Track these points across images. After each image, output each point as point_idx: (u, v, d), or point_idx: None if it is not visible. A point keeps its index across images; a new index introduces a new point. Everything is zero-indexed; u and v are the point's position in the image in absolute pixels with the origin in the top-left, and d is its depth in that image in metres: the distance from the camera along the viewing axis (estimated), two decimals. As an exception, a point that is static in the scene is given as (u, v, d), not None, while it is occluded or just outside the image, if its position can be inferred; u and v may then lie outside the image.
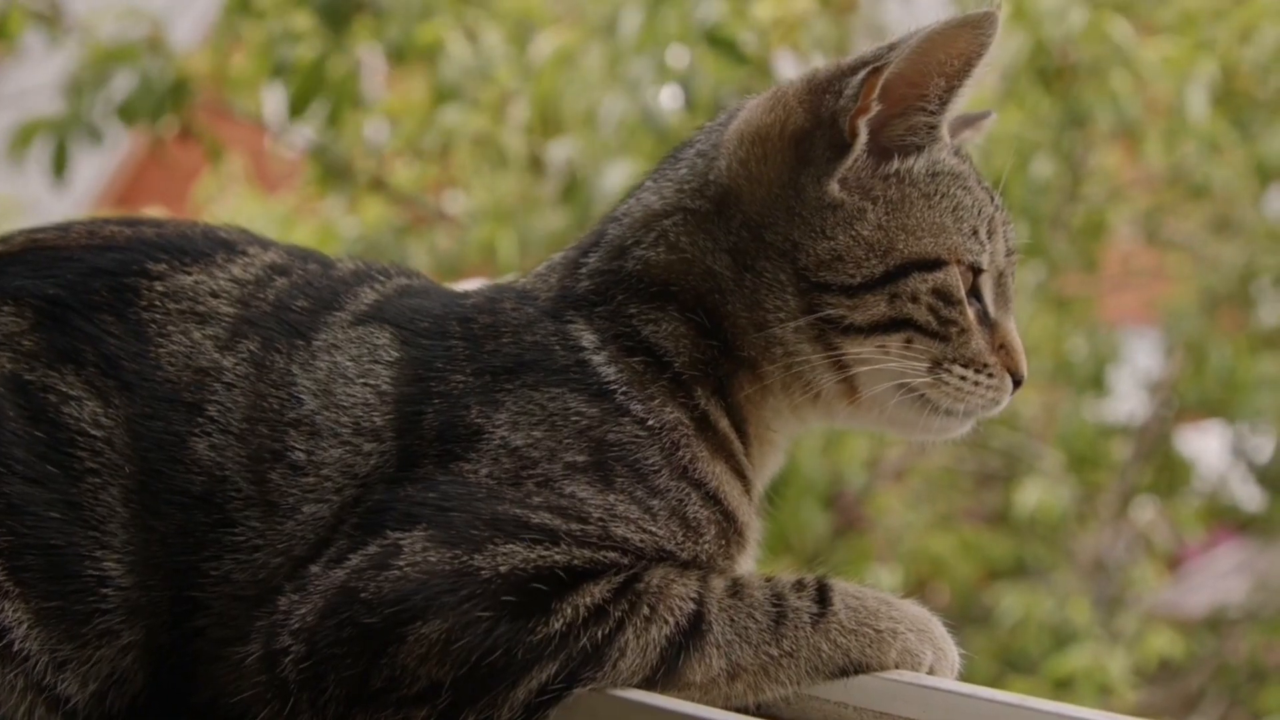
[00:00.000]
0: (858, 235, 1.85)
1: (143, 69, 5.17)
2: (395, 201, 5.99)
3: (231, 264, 1.90)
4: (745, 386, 1.89)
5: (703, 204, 1.91)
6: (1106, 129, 5.61)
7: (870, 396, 1.89)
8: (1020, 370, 1.92)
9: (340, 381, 1.81)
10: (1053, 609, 6.37)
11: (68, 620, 1.75)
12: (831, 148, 1.87)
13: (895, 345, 1.86)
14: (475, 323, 1.87)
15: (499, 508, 1.72)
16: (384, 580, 1.69)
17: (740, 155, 1.90)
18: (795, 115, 1.90)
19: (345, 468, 1.78)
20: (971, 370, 1.88)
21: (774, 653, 1.70)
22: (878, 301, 1.84)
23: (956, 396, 1.89)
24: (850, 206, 1.85)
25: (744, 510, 1.86)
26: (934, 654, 1.75)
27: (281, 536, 1.76)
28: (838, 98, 1.87)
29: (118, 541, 1.76)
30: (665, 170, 1.98)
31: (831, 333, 1.85)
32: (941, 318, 1.86)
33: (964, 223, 1.89)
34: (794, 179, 1.87)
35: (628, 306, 1.88)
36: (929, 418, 1.90)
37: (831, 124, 1.87)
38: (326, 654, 1.68)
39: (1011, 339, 1.92)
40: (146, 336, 1.82)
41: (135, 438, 1.78)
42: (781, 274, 1.86)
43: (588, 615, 1.68)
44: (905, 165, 1.88)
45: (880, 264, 1.84)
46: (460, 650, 1.66)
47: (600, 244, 1.95)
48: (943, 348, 1.87)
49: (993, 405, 1.91)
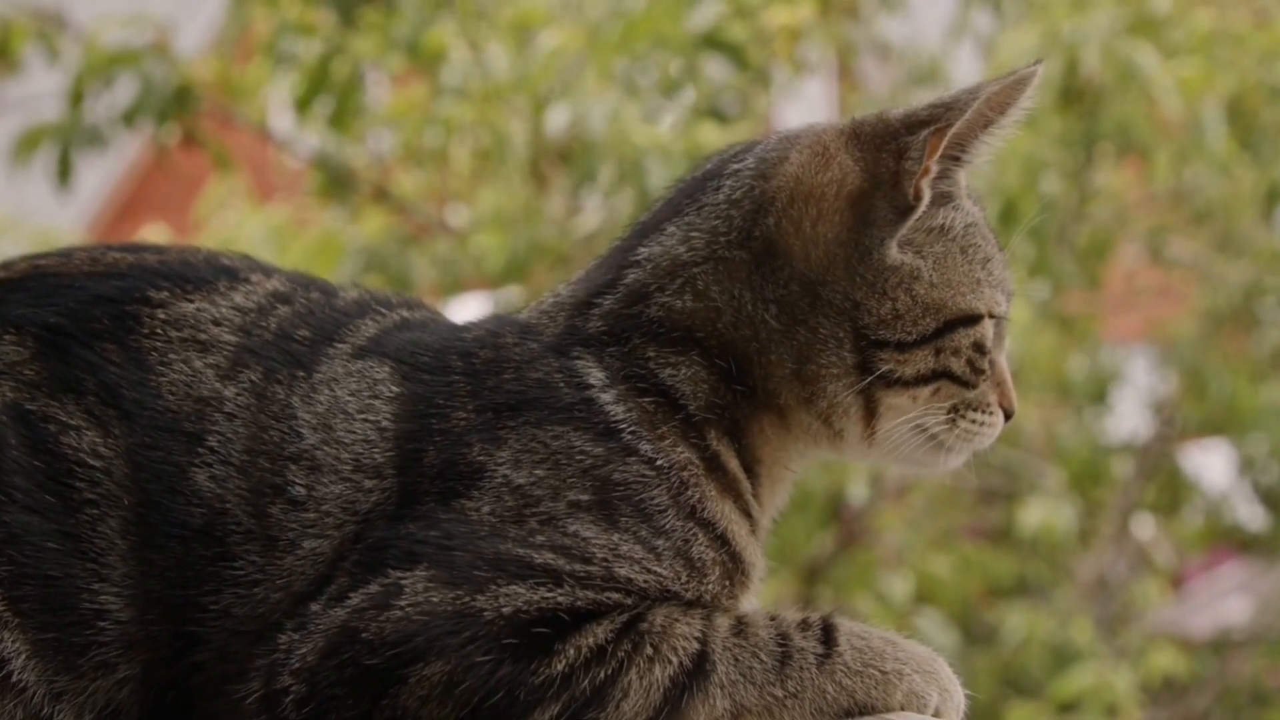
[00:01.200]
0: (915, 295, 1.85)
1: (146, 74, 5.15)
2: (398, 211, 5.97)
3: (234, 291, 1.88)
4: (767, 429, 1.88)
5: (741, 254, 1.87)
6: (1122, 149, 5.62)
7: (885, 438, 1.89)
8: (1013, 405, 1.94)
9: (340, 417, 1.79)
10: (1055, 629, 6.35)
11: (64, 652, 1.73)
12: (894, 209, 1.85)
13: (924, 395, 1.87)
14: (476, 357, 1.84)
15: (502, 547, 1.70)
16: (385, 621, 1.67)
17: (792, 214, 1.87)
18: (852, 175, 1.87)
19: (346, 504, 1.76)
20: (980, 413, 1.90)
21: (778, 693, 1.68)
22: (926, 357, 1.85)
23: (966, 438, 1.90)
24: (909, 267, 1.85)
25: (750, 550, 1.84)
26: (939, 695, 1.74)
27: (281, 572, 1.74)
28: (898, 159, 1.85)
29: (116, 574, 1.74)
30: (689, 216, 1.91)
31: (878, 387, 1.85)
32: (975, 368, 1.87)
33: (992, 275, 1.90)
34: (855, 240, 1.85)
35: (645, 349, 1.85)
36: (936, 457, 1.92)
37: (893, 186, 1.85)
38: (328, 694, 1.67)
39: (1005, 376, 1.93)
40: (147, 365, 1.80)
41: (135, 468, 1.76)
42: (840, 330, 1.84)
43: (590, 656, 1.66)
44: (946, 219, 1.88)
45: (933, 322, 1.85)
46: (462, 692, 1.64)
47: (617, 286, 1.90)
48: (965, 395, 1.88)
49: (989, 440, 1.94)
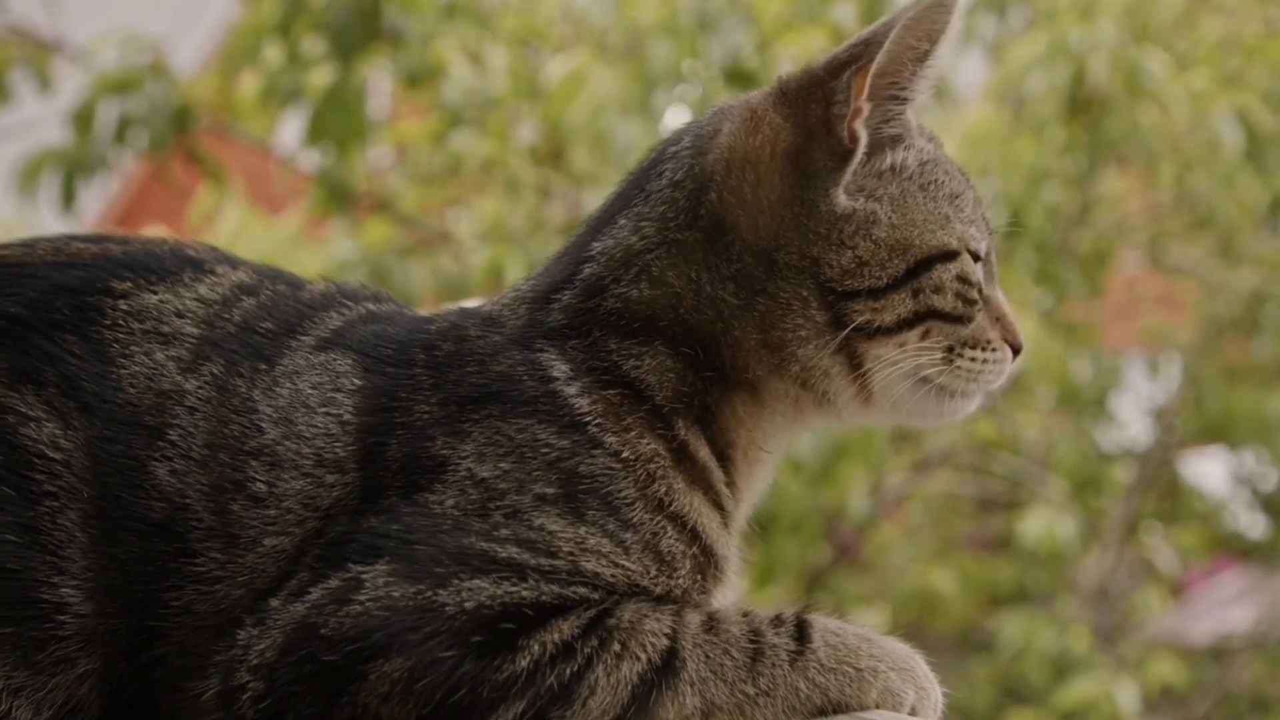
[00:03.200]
0: (876, 238, 1.82)
1: (147, 96, 5.13)
2: (398, 223, 5.96)
3: (199, 283, 1.85)
4: (739, 410, 1.85)
5: (691, 235, 1.85)
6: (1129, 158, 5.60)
7: (883, 393, 1.87)
8: (1019, 340, 1.92)
9: (302, 410, 1.76)
10: (1053, 638, 6.32)
11: (23, 646, 1.69)
12: (832, 156, 1.83)
13: (913, 340, 1.84)
14: (439, 350, 1.81)
15: (465, 541, 1.67)
16: (345, 616, 1.64)
17: (732, 184, 1.85)
18: (783, 132, 1.84)
19: (307, 500, 1.72)
20: (979, 349, 1.88)
21: (750, 691, 1.65)
22: (904, 299, 1.83)
23: (970, 377, 1.88)
24: (862, 212, 1.83)
25: (722, 543, 1.80)
26: (916, 693, 1.70)
27: (243, 569, 1.71)
28: (826, 105, 1.83)
29: (76, 567, 1.70)
30: (638, 207, 1.90)
31: (858, 340, 1.82)
32: (966, 300, 1.86)
33: (962, 210, 1.88)
34: (799, 196, 1.83)
35: (607, 342, 1.82)
36: (943, 403, 1.89)
37: (826, 133, 1.83)
38: (285, 692, 1.63)
39: (1005, 310, 1.92)
40: (108, 357, 1.77)
41: (95, 461, 1.72)
42: (803, 290, 1.82)
43: (555, 653, 1.63)
44: (898, 159, 1.86)
45: (902, 261, 1.83)
46: (424, 689, 1.61)
47: (574, 281, 1.88)
48: (959, 332, 1.86)
49: (998, 378, 1.91)
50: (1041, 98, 5.42)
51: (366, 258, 5.62)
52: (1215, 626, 8.07)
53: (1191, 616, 8.51)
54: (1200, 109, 5.34)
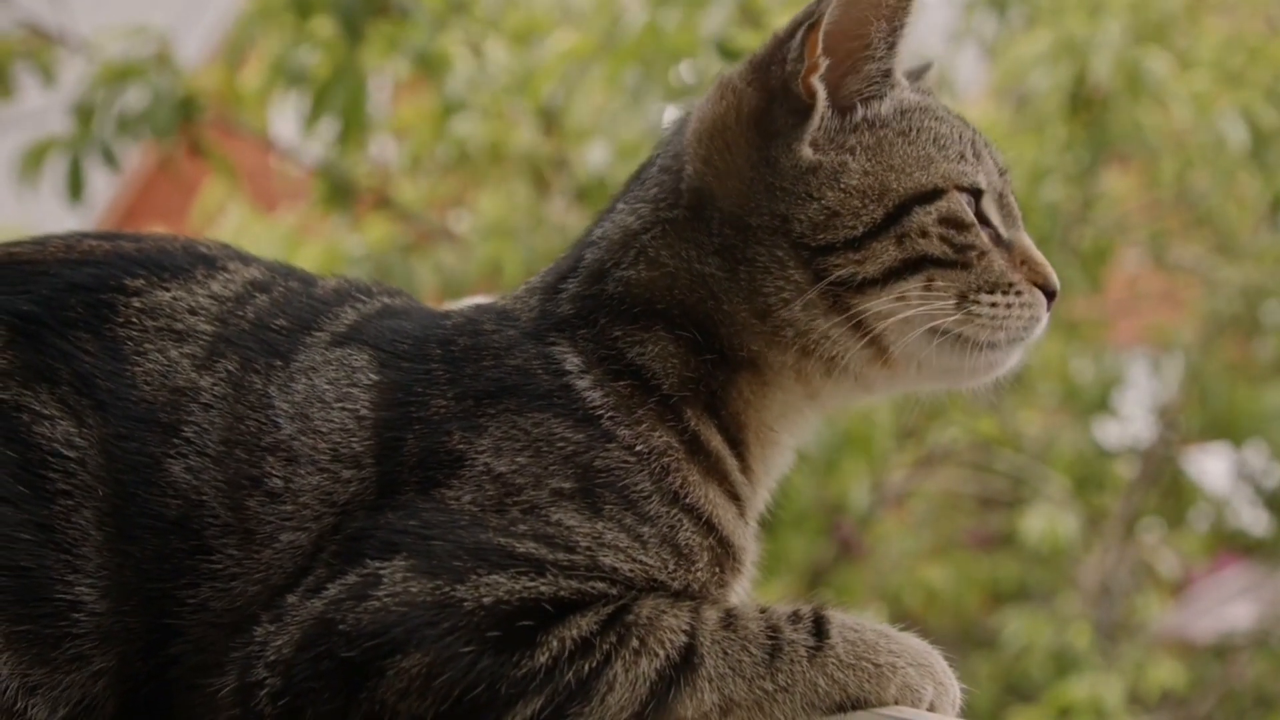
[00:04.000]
0: (847, 187, 1.80)
1: (152, 86, 5.11)
2: (400, 219, 5.95)
3: (211, 280, 1.84)
4: (745, 391, 1.84)
5: (679, 213, 1.86)
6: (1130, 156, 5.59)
7: (902, 353, 1.82)
8: (1050, 281, 1.85)
9: (318, 405, 1.75)
10: (1054, 635, 6.32)
11: (38, 645, 1.69)
12: (793, 114, 1.83)
13: (916, 290, 1.80)
14: (455, 344, 1.81)
15: (482, 536, 1.67)
16: (363, 612, 1.63)
17: (703, 154, 1.86)
18: (747, 97, 1.85)
19: (324, 495, 1.72)
20: (999, 294, 1.82)
21: (768, 687, 1.64)
22: (886, 246, 1.79)
23: (994, 325, 1.82)
24: (830, 164, 1.81)
25: (739, 534, 1.80)
26: (935, 689, 1.69)
27: (259, 565, 1.70)
28: (784, 65, 1.83)
29: (91, 565, 1.70)
30: (635, 192, 1.92)
31: (846, 295, 1.79)
32: (957, 245, 1.81)
33: (949, 149, 1.85)
34: (764, 156, 1.82)
35: (612, 329, 1.82)
36: (972, 357, 1.83)
37: (785, 92, 1.83)
38: (303, 688, 1.63)
39: (1031, 252, 1.86)
40: (122, 355, 1.76)
41: (109, 459, 1.72)
42: (778, 250, 1.80)
43: (574, 648, 1.62)
44: (871, 111, 1.84)
45: (879, 207, 1.79)
46: (442, 685, 1.60)
47: (578, 269, 1.89)
48: (966, 277, 1.81)
49: (1033, 324, 1.85)
50: (1044, 95, 5.40)
51: (371, 254, 5.61)
52: (1218, 623, 8.06)
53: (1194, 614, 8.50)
54: (1203, 108, 5.33)
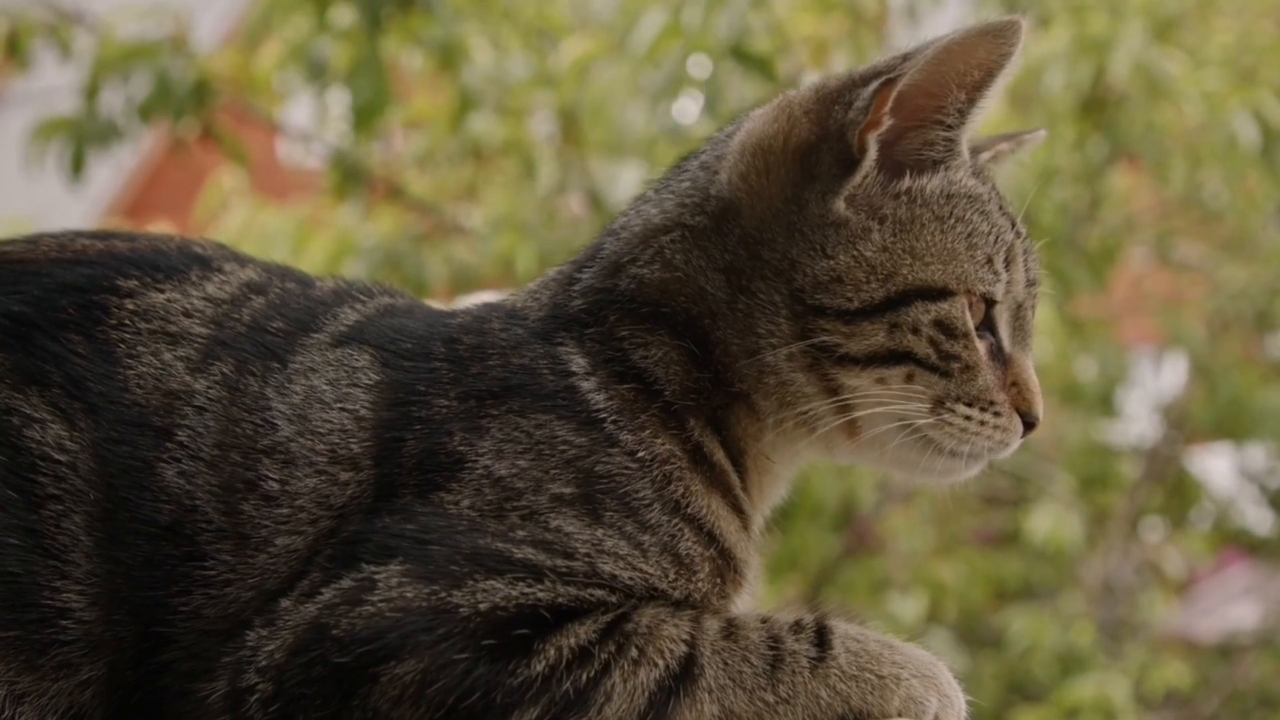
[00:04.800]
0: (860, 256, 1.73)
1: (163, 68, 5.07)
2: (411, 210, 5.92)
3: (206, 281, 1.81)
4: (742, 419, 1.80)
5: (702, 220, 1.81)
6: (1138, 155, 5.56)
7: (871, 435, 1.78)
8: (1033, 411, 1.79)
9: (317, 406, 1.72)
10: (1059, 635, 6.31)
11: (26, 651, 1.65)
12: (839, 163, 1.76)
13: (897, 380, 1.74)
14: (460, 344, 1.77)
15: (480, 541, 1.64)
16: (357, 617, 1.60)
17: (741, 168, 1.80)
18: (801, 127, 1.79)
19: (321, 498, 1.69)
20: (977, 409, 1.76)
21: (770, 699, 1.61)
22: (876, 331, 1.73)
23: (961, 437, 1.77)
24: (855, 225, 1.74)
25: (741, 547, 1.77)
26: (939, 701, 1.66)
27: (254, 570, 1.67)
28: (847, 110, 1.76)
29: (80, 572, 1.67)
30: (669, 182, 1.88)
31: (826, 362, 1.74)
32: (943, 352, 1.74)
33: (978, 250, 1.77)
34: (797, 194, 1.77)
35: (619, 328, 1.78)
36: (932, 459, 1.79)
37: (840, 137, 1.76)
38: (295, 694, 1.60)
39: (1025, 376, 1.79)
40: (115, 358, 1.73)
41: (101, 463, 1.69)
42: (776, 295, 1.75)
43: (572, 657, 1.59)
44: (919, 184, 1.77)
45: (881, 289, 1.73)
46: (436, 693, 1.57)
47: (597, 259, 1.85)
48: (946, 384, 1.75)
49: (1000, 447, 1.79)
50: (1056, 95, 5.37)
51: (382, 244, 5.58)
52: (1223, 622, 8.05)
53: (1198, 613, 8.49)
54: (1214, 107, 5.30)
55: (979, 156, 1.89)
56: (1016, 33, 1.74)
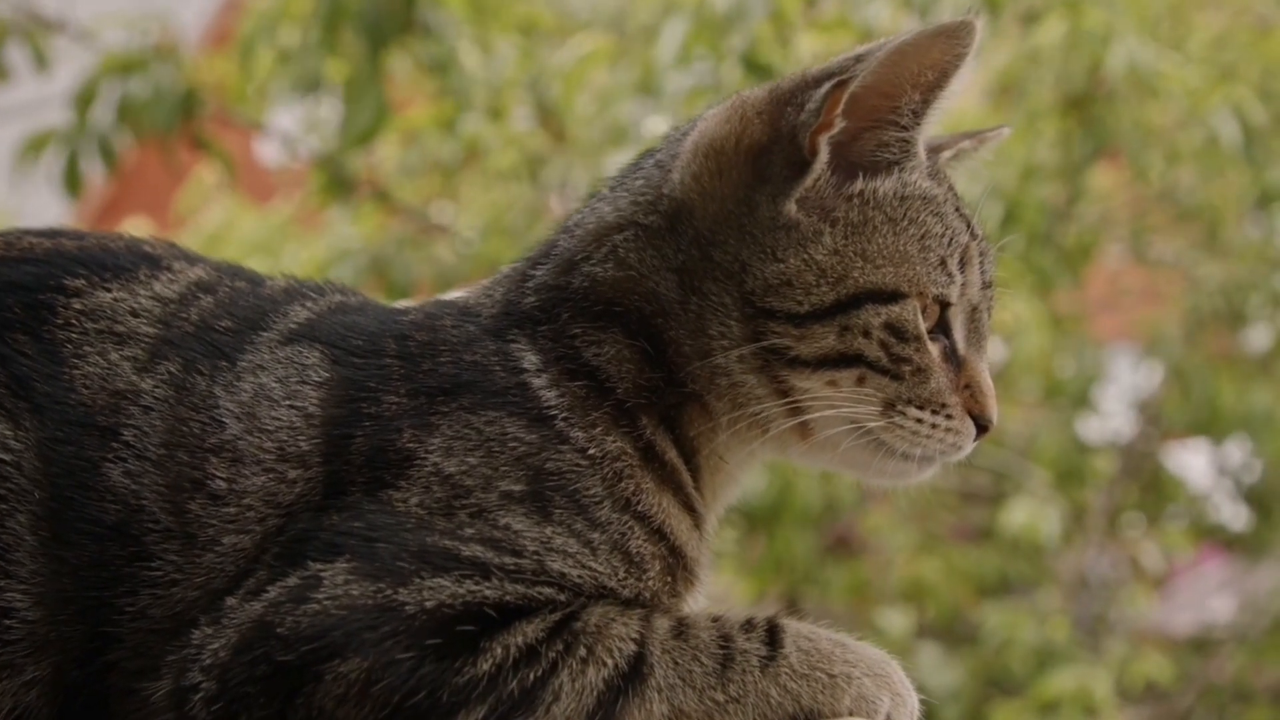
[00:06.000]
0: (810, 259, 1.73)
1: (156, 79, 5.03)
2: (396, 212, 5.90)
3: (154, 280, 1.79)
4: (695, 419, 1.79)
5: (655, 219, 1.80)
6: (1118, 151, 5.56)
7: (823, 436, 1.77)
8: (986, 414, 1.78)
9: (265, 404, 1.71)
10: (1035, 629, 6.31)
11: None
12: (790, 165, 1.75)
13: (848, 383, 1.74)
14: (412, 340, 1.76)
15: (428, 539, 1.62)
16: (302, 615, 1.59)
17: (694, 168, 1.79)
18: (753, 128, 1.78)
19: (268, 496, 1.67)
20: (928, 412, 1.76)
21: (720, 698, 1.60)
22: (826, 334, 1.73)
23: (912, 440, 1.77)
24: (806, 228, 1.73)
25: (693, 545, 1.76)
26: (892, 700, 1.65)
27: (201, 570, 1.66)
28: (799, 111, 1.75)
29: (24, 571, 1.65)
30: (624, 180, 1.87)
31: (777, 364, 1.73)
32: (894, 355, 1.74)
33: (931, 252, 1.76)
34: (749, 196, 1.76)
35: (572, 326, 1.77)
36: (883, 461, 1.79)
37: (791, 139, 1.75)
38: (239, 693, 1.59)
39: (979, 379, 1.79)
40: (61, 357, 1.71)
41: (46, 463, 1.67)
42: (727, 297, 1.74)
43: (519, 656, 1.58)
44: (872, 186, 1.76)
45: (831, 292, 1.72)
46: (381, 691, 1.56)
47: (550, 256, 1.85)
48: (897, 387, 1.75)
49: (953, 450, 1.79)
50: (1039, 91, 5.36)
51: (367, 246, 5.56)
52: (1198, 617, 8.06)
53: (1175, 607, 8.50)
54: (1196, 103, 5.30)
55: (939, 156, 1.88)
56: (970, 33, 1.73)
